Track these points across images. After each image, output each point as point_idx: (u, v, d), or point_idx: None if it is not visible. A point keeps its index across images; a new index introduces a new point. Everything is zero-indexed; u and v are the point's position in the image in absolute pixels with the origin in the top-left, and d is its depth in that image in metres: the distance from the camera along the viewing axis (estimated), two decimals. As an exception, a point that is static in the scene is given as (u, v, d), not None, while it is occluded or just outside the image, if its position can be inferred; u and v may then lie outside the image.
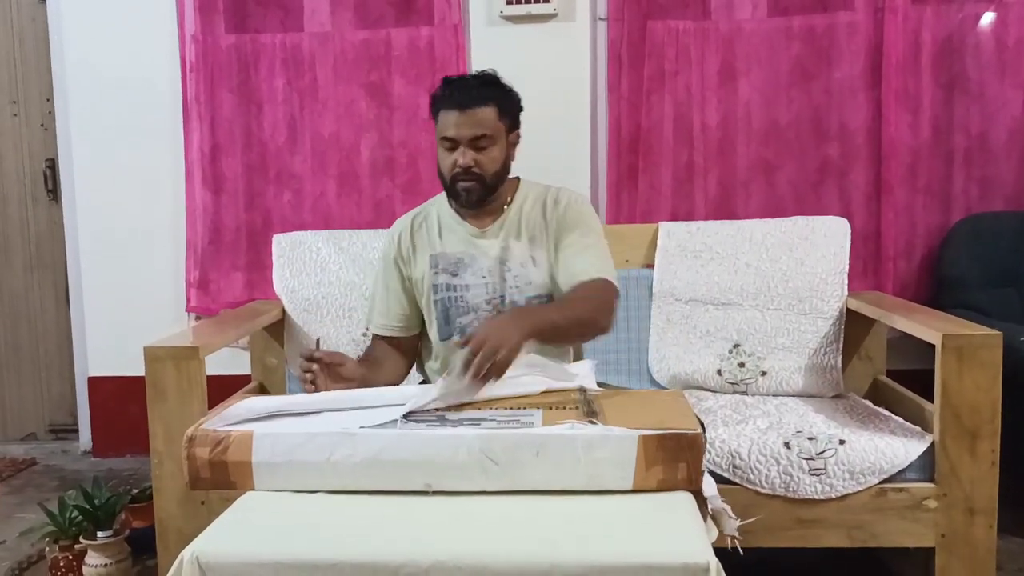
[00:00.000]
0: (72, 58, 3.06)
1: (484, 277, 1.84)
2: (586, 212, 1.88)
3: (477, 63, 2.88)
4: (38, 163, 3.29)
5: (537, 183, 1.94)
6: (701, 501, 1.36)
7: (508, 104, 1.84)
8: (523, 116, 2.81)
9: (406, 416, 1.42)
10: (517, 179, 1.93)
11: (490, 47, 2.88)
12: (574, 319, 1.68)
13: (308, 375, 1.64)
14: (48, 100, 3.22)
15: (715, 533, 1.39)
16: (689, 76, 2.79)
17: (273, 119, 2.94)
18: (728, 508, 1.38)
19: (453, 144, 1.78)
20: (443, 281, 1.86)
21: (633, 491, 1.31)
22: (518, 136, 1.89)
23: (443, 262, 1.87)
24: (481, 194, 1.81)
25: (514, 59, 2.86)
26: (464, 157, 1.77)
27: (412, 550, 1.14)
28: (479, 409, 1.46)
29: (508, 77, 2.82)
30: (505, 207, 1.87)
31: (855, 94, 2.76)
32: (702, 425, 1.48)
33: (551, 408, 1.46)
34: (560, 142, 2.88)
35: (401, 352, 1.93)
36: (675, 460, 1.31)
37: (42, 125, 3.27)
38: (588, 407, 1.46)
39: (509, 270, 1.83)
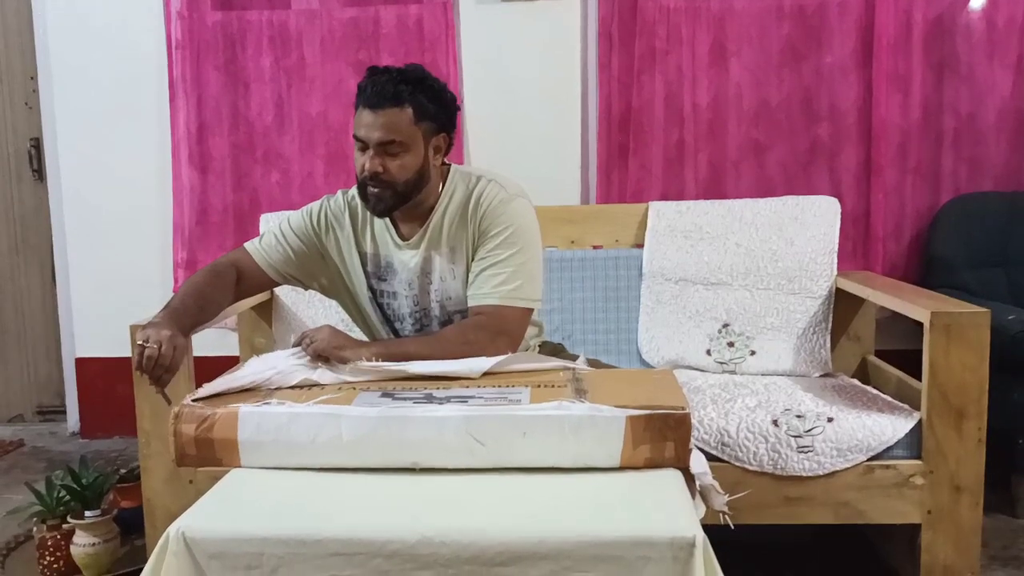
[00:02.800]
0: (56, 35, 3.02)
1: (407, 288, 1.78)
2: (508, 214, 1.71)
3: (467, 41, 2.87)
4: (22, 142, 3.26)
5: (467, 175, 1.77)
6: (689, 478, 1.36)
7: (429, 106, 1.66)
8: (513, 96, 2.85)
9: (387, 394, 1.42)
10: (447, 170, 1.78)
11: (480, 25, 2.86)
12: (437, 353, 1.60)
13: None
14: (32, 78, 3.18)
15: (703, 510, 1.39)
16: (680, 55, 2.78)
17: (260, 98, 2.92)
18: (716, 484, 1.39)
19: (364, 145, 1.65)
20: (375, 285, 1.82)
21: (621, 468, 1.31)
22: (446, 140, 1.72)
23: (372, 264, 1.81)
24: (391, 202, 1.68)
25: (504, 37, 2.87)
26: (371, 162, 1.64)
27: (399, 526, 1.14)
28: (466, 387, 1.46)
29: (498, 55, 2.85)
30: (431, 212, 1.74)
31: (846, 74, 2.75)
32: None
33: (539, 386, 1.46)
34: (550, 121, 2.87)
35: (243, 280, 1.81)
36: (662, 439, 1.31)
37: (26, 103, 3.24)
38: (576, 385, 1.45)
39: (431, 283, 1.76)
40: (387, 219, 1.78)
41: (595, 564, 1.11)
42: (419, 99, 1.65)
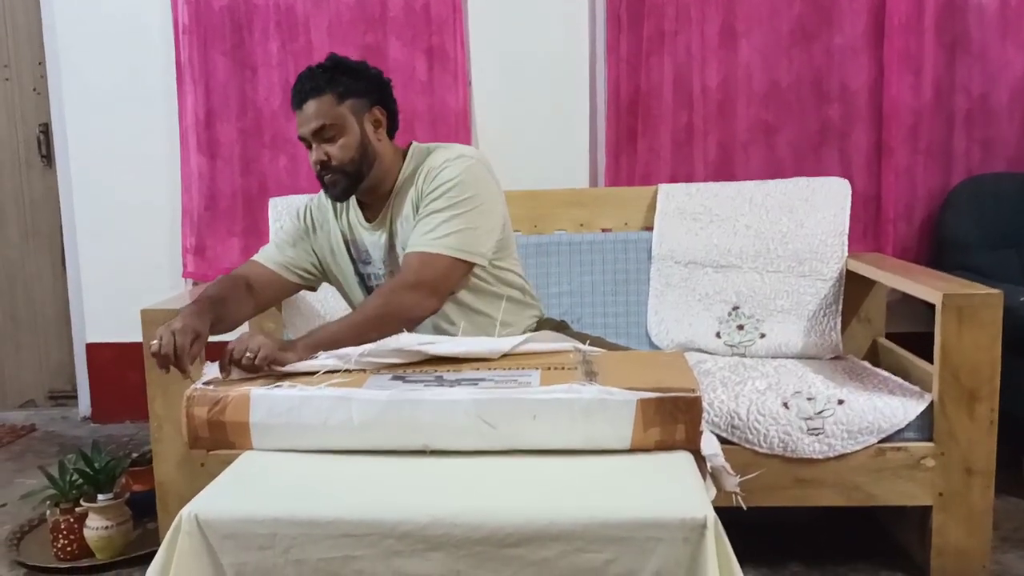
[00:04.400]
0: (63, 21, 3.02)
1: (383, 267, 1.83)
2: (449, 170, 1.71)
3: (474, 24, 2.85)
4: (31, 128, 3.26)
5: (424, 148, 1.81)
6: (700, 460, 1.36)
7: (350, 85, 1.72)
8: (521, 78, 2.83)
9: (398, 377, 1.42)
10: (407, 150, 1.81)
11: (487, 8, 2.84)
12: (358, 324, 1.58)
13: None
14: (40, 64, 3.18)
15: (714, 492, 1.39)
16: (689, 36, 2.75)
17: (268, 82, 2.91)
18: (727, 465, 1.38)
19: (308, 143, 1.74)
20: (362, 270, 1.88)
21: (631, 450, 1.31)
22: (383, 112, 1.77)
23: (354, 249, 1.87)
24: (345, 184, 1.74)
25: (512, 20, 2.85)
26: (316, 153, 1.72)
27: (410, 507, 1.14)
28: (477, 369, 1.46)
29: (506, 38, 2.83)
30: (391, 190, 1.79)
31: (857, 54, 2.73)
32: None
33: (549, 369, 1.45)
34: (558, 104, 2.85)
35: (258, 287, 1.83)
36: (673, 422, 1.31)
37: (34, 90, 3.24)
38: (587, 368, 1.45)
39: (398, 256, 1.79)
40: (356, 205, 1.84)
41: (606, 545, 1.11)
42: (337, 81, 1.72)
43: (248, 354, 1.44)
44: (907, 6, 2.67)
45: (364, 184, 1.76)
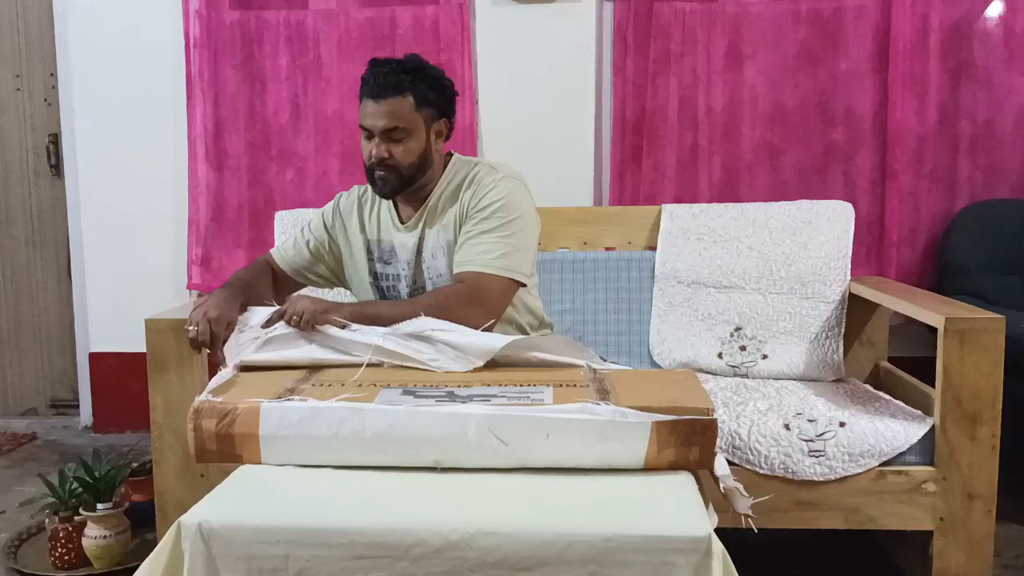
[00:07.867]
0: (75, 32, 3.05)
1: (406, 268, 1.86)
2: (496, 190, 1.78)
3: (482, 43, 2.88)
4: (41, 138, 3.28)
5: (467, 162, 1.87)
6: (713, 480, 1.36)
7: (429, 94, 1.76)
8: (528, 97, 2.86)
9: (409, 392, 1.43)
10: (449, 158, 1.88)
11: (495, 26, 2.87)
12: (407, 316, 1.63)
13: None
14: (52, 74, 3.20)
15: (715, 519, 1.37)
16: (695, 59, 2.78)
17: (276, 97, 2.93)
18: (740, 486, 1.38)
19: (369, 133, 1.76)
20: (379, 269, 1.90)
21: (635, 471, 1.30)
22: (447, 125, 1.83)
23: (377, 250, 1.90)
24: (396, 185, 1.78)
25: (519, 39, 2.87)
26: (377, 149, 1.75)
27: (423, 530, 1.14)
28: (488, 386, 1.45)
29: (513, 57, 2.85)
30: (429, 195, 1.84)
31: (862, 79, 2.75)
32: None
33: (561, 385, 1.45)
34: (564, 123, 2.87)
35: (279, 280, 1.98)
36: (688, 444, 1.31)
37: (45, 100, 3.26)
38: (599, 385, 1.45)
39: (424, 261, 1.83)
40: (391, 204, 1.88)
41: (620, 570, 1.11)
42: (419, 87, 1.75)
43: (295, 318, 1.61)
44: (912, 31, 2.70)
45: (411, 187, 1.81)
